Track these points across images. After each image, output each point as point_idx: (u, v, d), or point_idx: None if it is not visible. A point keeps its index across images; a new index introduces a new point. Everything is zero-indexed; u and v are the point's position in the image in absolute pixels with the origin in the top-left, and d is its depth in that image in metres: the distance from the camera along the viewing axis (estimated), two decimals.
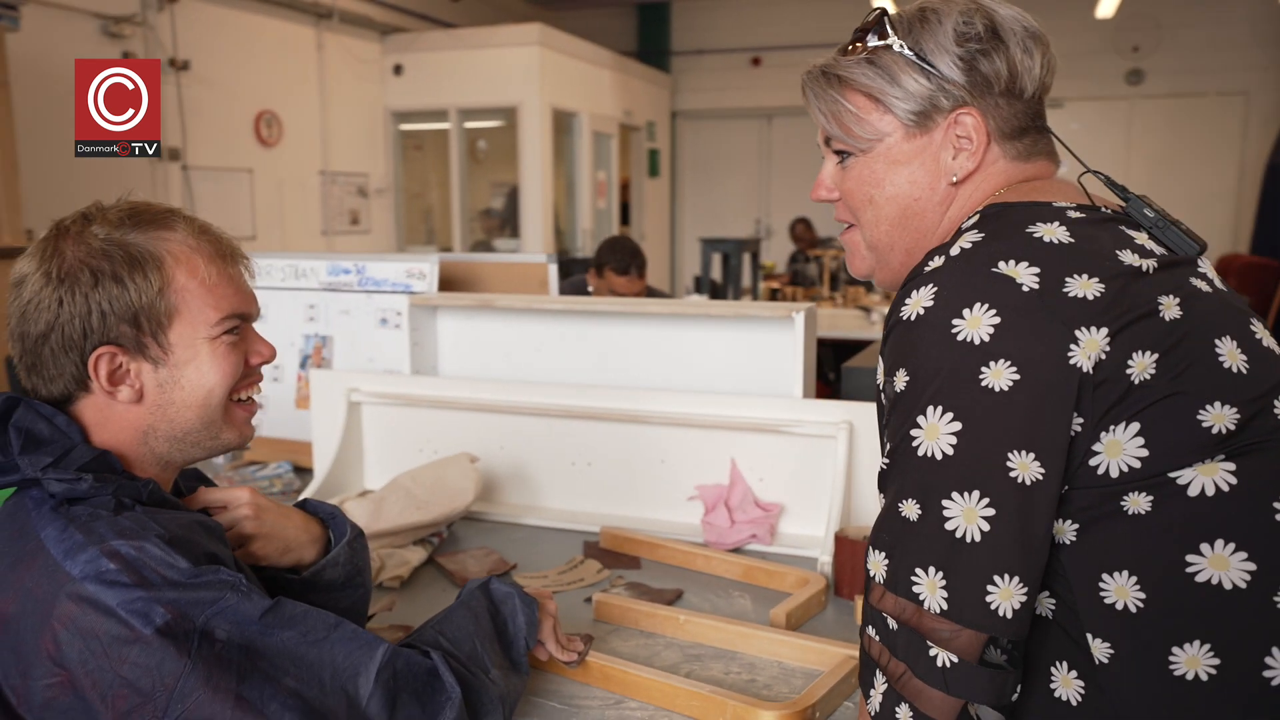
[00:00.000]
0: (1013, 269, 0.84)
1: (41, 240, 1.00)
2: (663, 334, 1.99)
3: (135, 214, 1.01)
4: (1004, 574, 0.82)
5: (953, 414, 0.83)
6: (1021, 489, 0.82)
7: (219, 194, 6.29)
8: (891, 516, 0.88)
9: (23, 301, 0.98)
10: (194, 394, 1.02)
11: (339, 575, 1.17)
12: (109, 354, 0.98)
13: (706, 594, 1.56)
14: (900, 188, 0.99)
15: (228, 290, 1.04)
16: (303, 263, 2.35)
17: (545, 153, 7.89)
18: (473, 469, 1.82)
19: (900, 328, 0.88)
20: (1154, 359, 0.82)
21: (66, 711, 0.87)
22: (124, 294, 0.97)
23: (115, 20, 5.51)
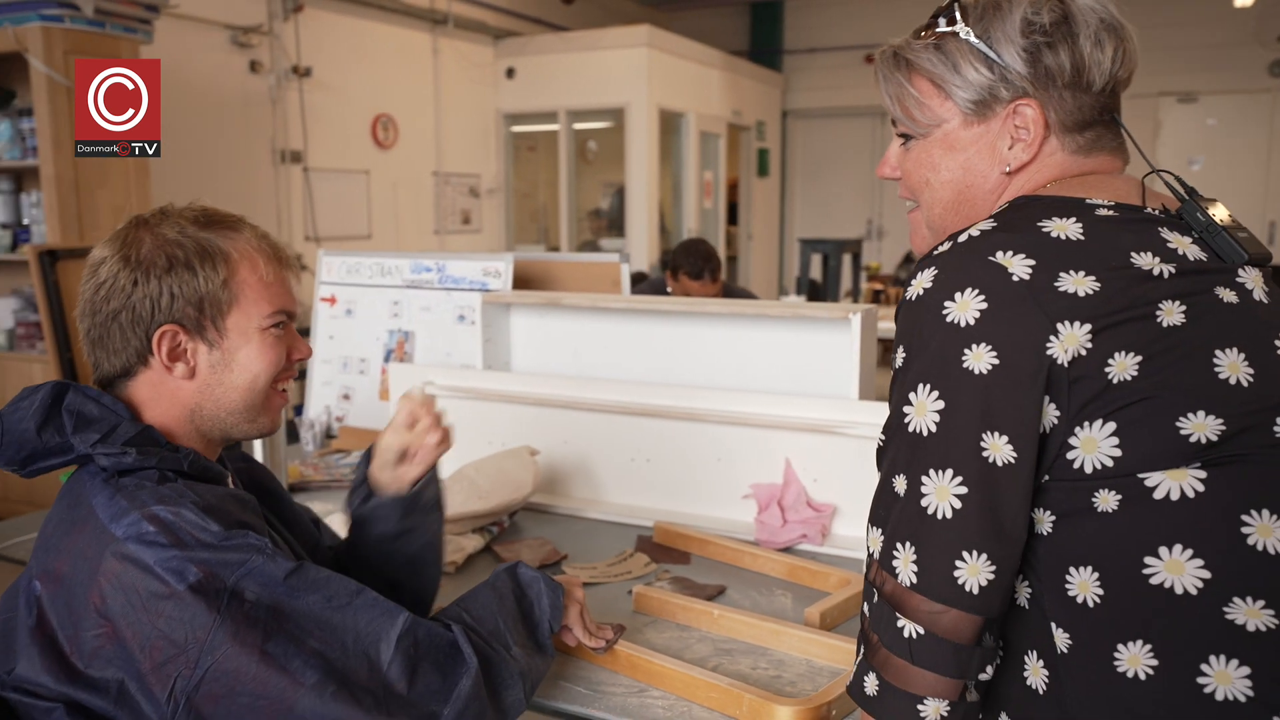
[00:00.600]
0: (1008, 259, 0.86)
1: (120, 230, 1.12)
2: (724, 334, 2.01)
3: (207, 215, 1.14)
4: (971, 550, 0.84)
5: (938, 392, 0.86)
6: (993, 469, 0.84)
7: (337, 194, 6.58)
8: (885, 491, 0.91)
9: (98, 281, 1.09)
10: (242, 376, 1.12)
11: (433, 496, 1.31)
12: (171, 332, 1.08)
13: (749, 591, 1.58)
14: (955, 173, 1.01)
15: (280, 290, 1.15)
16: (388, 260, 2.46)
17: (651, 153, 7.96)
18: (532, 461, 1.88)
19: (903, 307, 0.92)
20: (1136, 361, 0.82)
21: (111, 660, 0.96)
22: (193, 280, 1.08)
23: (244, 30, 5.82)
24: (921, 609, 0.86)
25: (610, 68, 7.85)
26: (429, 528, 1.31)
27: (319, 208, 6.37)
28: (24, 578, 1.02)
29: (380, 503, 1.27)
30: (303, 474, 2.19)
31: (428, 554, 1.32)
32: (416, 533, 1.29)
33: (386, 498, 1.27)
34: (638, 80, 7.77)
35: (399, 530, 1.28)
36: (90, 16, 3.74)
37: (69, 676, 0.96)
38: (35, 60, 3.65)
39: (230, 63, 5.80)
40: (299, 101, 6.17)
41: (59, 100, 3.71)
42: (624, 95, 7.85)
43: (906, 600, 0.87)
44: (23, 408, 1.06)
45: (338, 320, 2.53)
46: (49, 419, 1.06)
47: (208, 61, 5.65)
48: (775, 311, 1.90)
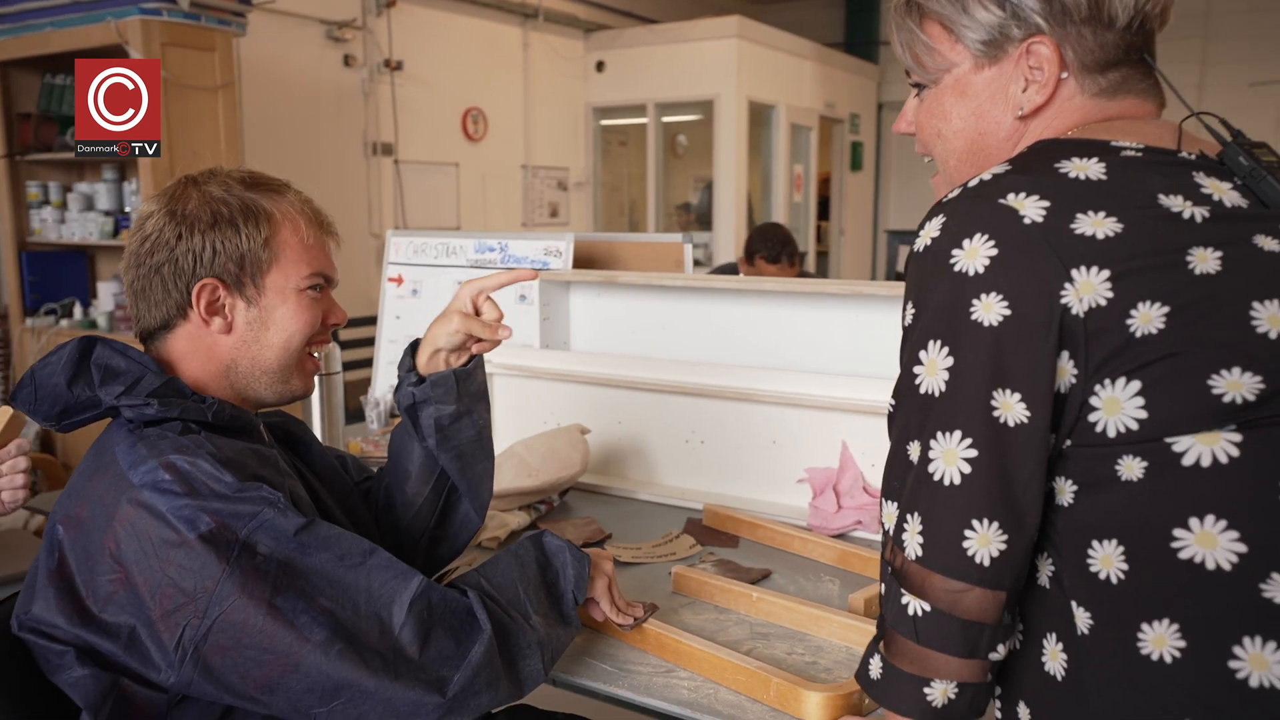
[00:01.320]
0: (1019, 201, 0.79)
1: (169, 187, 1.14)
2: (782, 313, 1.94)
3: (253, 177, 1.15)
4: (981, 518, 0.78)
5: (948, 348, 0.80)
6: (1004, 430, 0.77)
7: (426, 186, 6.68)
8: (898, 460, 0.86)
9: (144, 234, 1.11)
10: (278, 335, 1.13)
11: (482, 383, 1.30)
12: (211, 286, 1.10)
13: (795, 576, 1.51)
14: (967, 121, 0.94)
15: (319, 253, 1.16)
16: (453, 241, 2.46)
17: (740, 146, 7.87)
18: (582, 440, 1.85)
19: (912, 259, 0.86)
20: (1163, 312, 0.74)
21: (124, 606, 0.96)
22: (236, 237, 1.09)
23: (338, 25, 5.96)
24: (940, 588, 0.80)
25: (699, 60, 7.80)
26: (481, 414, 1.29)
27: (409, 200, 6.48)
28: (50, 521, 1.03)
29: (437, 379, 1.24)
30: (363, 450, 2.20)
31: (479, 449, 1.30)
32: (472, 416, 1.27)
33: (443, 373, 1.25)
34: (727, 72, 7.70)
35: (456, 411, 1.25)
36: (186, 10, 3.87)
37: (82, 619, 0.96)
38: (134, 52, 3.79)
39: (325, 57, 5.95)
40: (390, 95, 6.28)
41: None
42: (713, 87, 7.78)
43: (919, 577, 0.80)
44: (52, 363, 1.08)
45: (404, 300, 2.54)
46: (79, 373, 1.07)
47: (303, 56, 5.80)
48: (834, 290, 1.83)
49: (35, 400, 1.08)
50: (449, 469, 1.29)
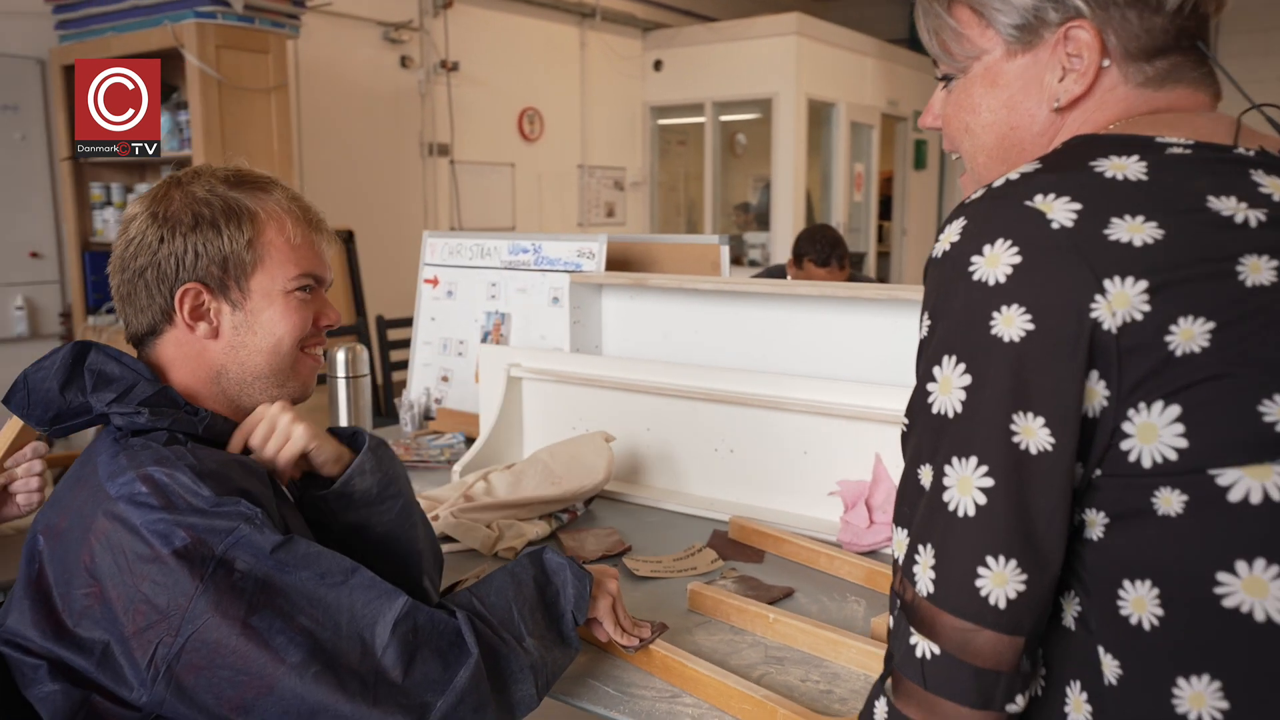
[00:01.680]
0: (1048, 203, 0.71)
1: (154, 188, 1.11)
2: (816, 317, 1.87)
3: (239, 175, 1.11)
4: (997, 555, 0.70)
5: (964, 365, 0.73)
6: (1024, 457, 0.70)
7: (482, 187, 6.70)
8: (909, 485, 0.78)
9: (129, 238, 1.08)
10: (265, 339, 1.09)
11: (371, 485, 1.13)
12: (195, 290, 1.07)
13: (819, 595, 1.44)
14: (997, 114, 0.86)
15: (308, 253, 1.12)
16: (487, 242, 2.43)
17: (799, 144, 7.76)
18: (606, 448, 1.80)
19: (930, 266, 0.78)
20: (1208, 328, 0.66)
21: (99, 621, 0.93)
22: (218, 239, 1.06)
23: (395, 27, 6.00)
24: (951, 626, 0.72)
25: (758, 57, 7.70)
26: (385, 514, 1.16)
27: (464, 200, 6.51)
28: (31, 531, 1.01)
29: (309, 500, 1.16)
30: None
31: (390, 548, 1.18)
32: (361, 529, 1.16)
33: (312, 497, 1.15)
34: (786, 69, 7.59)
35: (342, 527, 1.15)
36: (240, 12, 3.91)
37: (56, 633, 0.94)
38: (190, 55, 3.84)
39: (382, 58, 5.99)
40: (447, 95, 6.31)
41: (210, 93, 3.89)
42: (771, 85, 7.68)
43: (928, 614, 0.73)
44: (45, 367, 1.06)
45: (439, 302, 2.52)
46: (72, 378, 1.05)
47: (360, 57, 5.85)
48: (870, 294, 1.75)
49: (28, 405, 1.06)
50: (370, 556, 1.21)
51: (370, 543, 1.19)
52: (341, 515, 1.16)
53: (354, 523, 1.16)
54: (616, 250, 2.30)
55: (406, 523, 1.21)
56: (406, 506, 1.21)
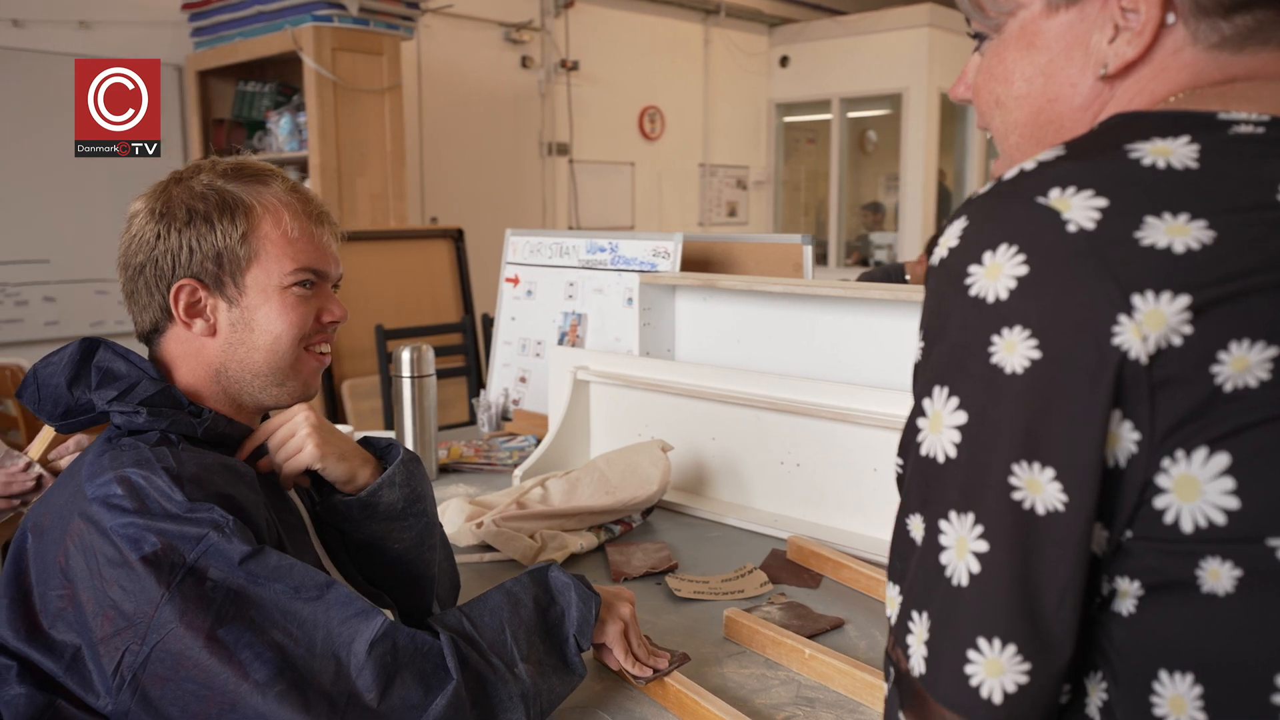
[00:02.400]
0: (1065, 199, 0.57)
1: (157, 183, 1.08)
2: (895, 324, 1.73)
3: (240, 168, 1.08)
4: (992, 637, 0.57)
5: (958, 399, 0.59)
6: (1029, 519, 0.56)
7: (601, 186, 6.70)
8: (901, 535, 0.66)
9: (130, 234, 1.07)
10: (263, 337, 1.06)
11: (397, 499, 1.11)
12: (190, 287, 1.04)
13: (871, 629, 1.31)
14: (1032, 83, 0.72)
15: (306, 246, 1.07)
16: (567, 240, 2.37)
17: (930, 140, 7.45)
18: (663, 458, 1.71)
19: (929, 276, 0.65)
20: (1268, 356, 0.52)
21: (71, 624, 0.91)
22: (211, 234, 1.03)
23: (516, 27, 6.05)
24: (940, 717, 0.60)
25: (888, 50, 7.43)
26: (407, 532, 1.14)
27: (583, 199, 6.51)
28: (21, 526, 1.00)
29: (331, 506, 1.13)
30: (462, 454, 2.15)
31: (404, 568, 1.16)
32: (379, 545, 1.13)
33: (333, 502, 1.13)
34: (917, 63, 7.30)
35: (358, 542, 1.14)
36: (355, 15, 4.00)
37: (30, 634, 0.92)
38: (307, 58, 3.95)
39: (502, 59, 6.06)
40: (566, 95, 6.33)
41: (325, 94, 3.99)
42: (902, 80, 7.40)
43: (919, 697, 0.61)
44: (54, 363, 1.05)
45: (519, 301, 2.48)
46: (79, 375, 1.04)
47: (482, 58, 5.93)
48: None
49: (39, 400, 1.06)
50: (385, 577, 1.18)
51: (385, 559, 1.15)
52: (362, 526, 1.12)
53: (372, 536, 1.13)
54: (696, 250, 2.21)
55: (425, 544, 1.17)
56: (429, 527, 1.17)
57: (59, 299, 4.33)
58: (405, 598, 1.18)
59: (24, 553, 0.97)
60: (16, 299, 4.29)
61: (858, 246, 8.20)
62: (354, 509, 1.11)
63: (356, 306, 3.97)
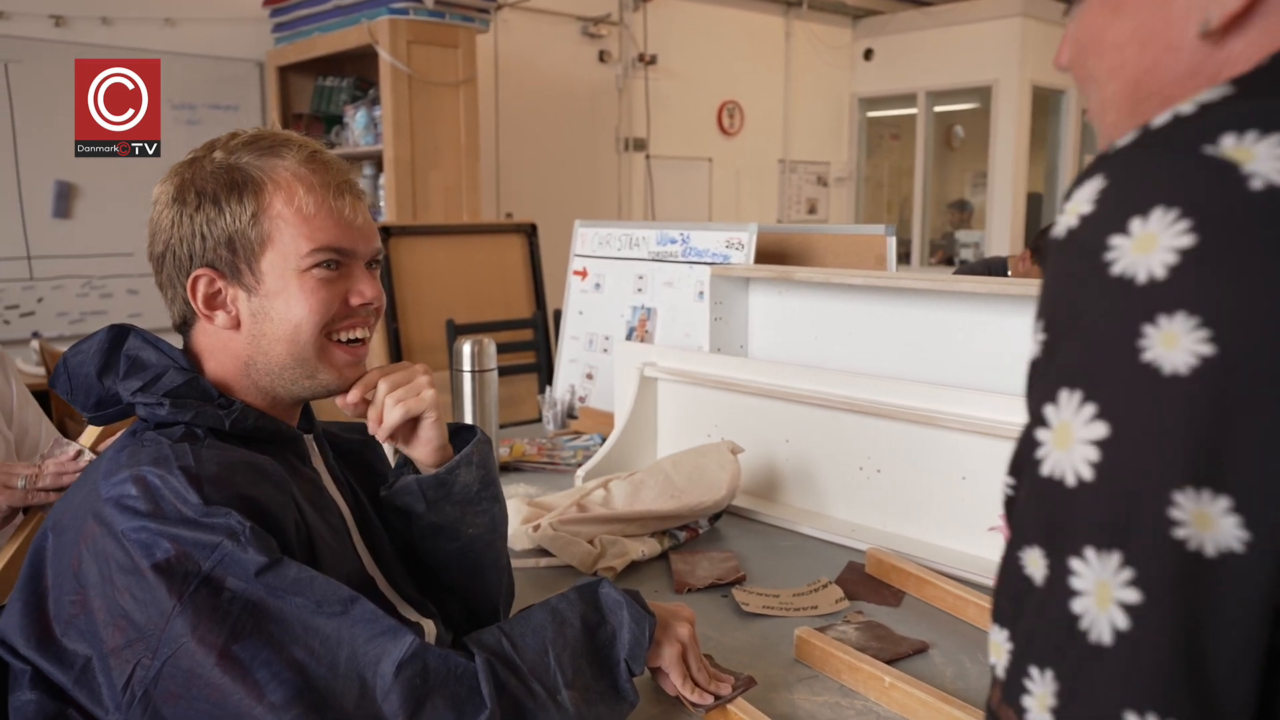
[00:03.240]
0: (1245, 148, 0.45)
1: (177, 163, 1.00)
2: (990, 320, 1.59)
3: (255, 139, 0.98)
4: (1144, 711, 0.45)
5: (1096, 407, 0.47)
6: (1193, 562, 0.44)
7: (678, 182, 6.60)
8: (1011, 571, 0.54)
9: (151, 222, 0.99)
10: (282, 327, 0.96)
11: (473, 480, 1.05)
12: (207, 277, 0.96)
13: (960, 655, 1.19)
14: (1124, 52, 0.60)
15: (325, 222, 0.96)
16: (637, 232, 2.28)
17: (1021, 135, 7.16)
18: (732, 460, 1.61)
19: (1049, 252, 0.53)
20: None
21: (83, 633, 0.84)
22: (220, 218, 0.95)
23: (594, 21, 5.99)
24: None
25: (978, 41, 7.17)
26: (473, 524, 1.07)
27: (659, 195, 6.42)
28: (44, 525, 0.94)
29: (403, 484, 1.06)
30: (525, 452, 2.07)
31: (471, 561, 1.09)
32: (451, 531, 1.06)
33: (406, 481, 1.06)
34: (1008, 54, 7.02)
35: (430, 524, 1.06)
36: (431, 8, 3.97)
37: (41, 640, 0.86)
38: (383, 51, 3.94)
39: (580, 53, 6.00)
40: (644, 89, 6.24)
41: (401, 87, 3.97)
42: (991, 72, 7.13)
43: None
44: (83, 351, 0.99)
45: (587, 295, 2.39)
46: (109, 364, 0.98)
47: (559, 52, 5.88)
48: None
49: (71, 390, 1.00)
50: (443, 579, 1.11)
51: (452, 550, 1.08)
52: (434, 509, 1.05)
53: (444, 521, 1.06)
54: (771, 241, 2.09)
55: (496, 534, 1.10)
56: (501, 514, 1.11)
57: (142, 292, 4.39)
58: (474, 592, 1.11)
59: (43, 552, 0.91)
60: (102, 291, 4.38)
61: (942, 245, 7.94)
62: (430, 487, 1.04)
63: (427, 301, 3.95)
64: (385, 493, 1.07)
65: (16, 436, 1.59)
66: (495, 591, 1.11)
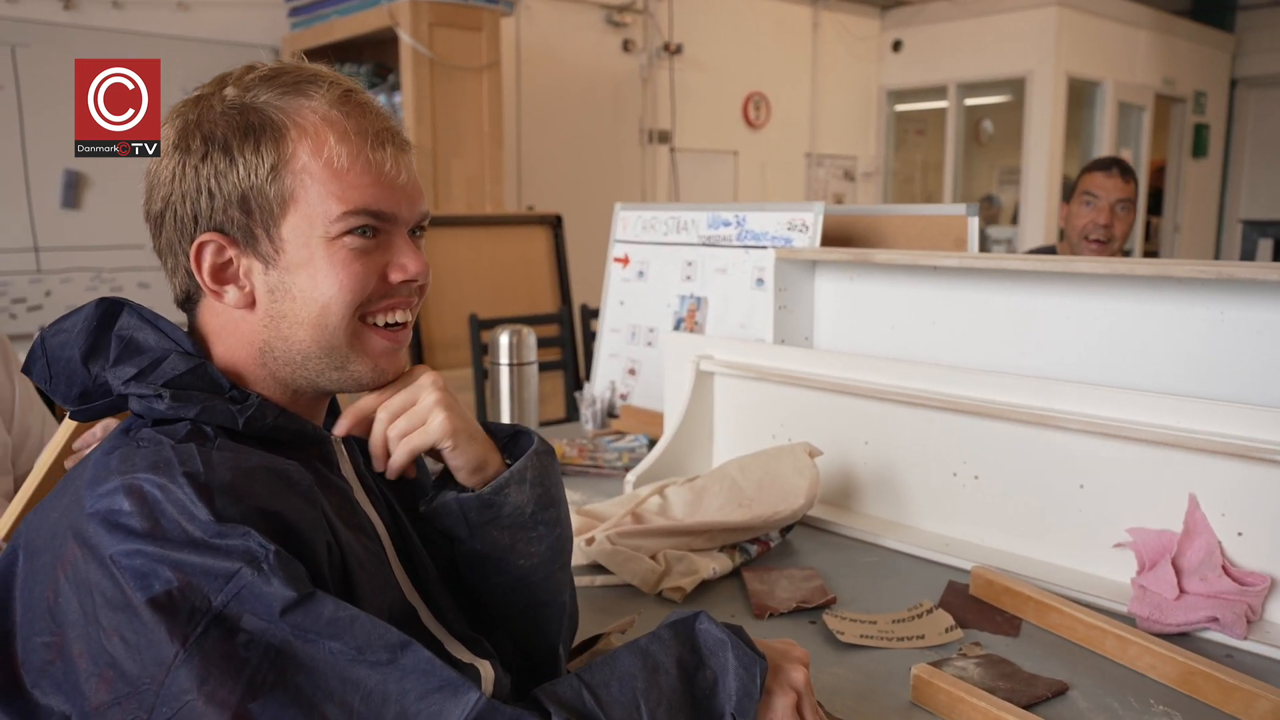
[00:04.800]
0: None
1: (178, 103, 0.82)
2: (1101, 305, 1.40)
3: (276, 74, 0.80)
4: None
5: None
6: None
7: (703, 175, 6.41)
8: None
9: (149, 172, 0.81)
10: (306, 308, 0.78)
11: (526, 501, 0.85)
12: (215, 244, 0.77)
13: (1106, 698, 1.00)
14: None
15: (361, 179, 0.77)
16: (685, 215, 2.09)
17: (1055, 128, 6.94)
18: (810, 465, 1.42)
19: None
20: None
21: (59, 685, 0.66)
22: (231, 170, 0.76)
23: (618, 10, 5.80)
24: None
25: (1011, 32, 6.96)
26: (524, 552, 0.86)
27: (684, 189, 6.24)
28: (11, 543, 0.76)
29: (441, 505, 0.86)
30: (565, 454, 1.89)
31: (524, 593, 0.89)
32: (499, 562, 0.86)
33: (446, 499, 0.86)
34: (1043, 44, 6.81)
35: (475, 552, 0.86)
36: None
37: (5, 692, 0.67)
38: (403, 34, 3.76)
39: (604, 42, 5.82)
40: (669, 80, 6.06)
41: (422, 72, 3.80)
42: (1025, 63, 6.92)
43: None
44: (66, 329, 0.80)
45: (629, 284, 2.21)
46: (97, 346, 0.80)
47: (582, 41, 5.70)
48: (1184, 272, 1.26)
49: (50, 378, 0.81)
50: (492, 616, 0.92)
51: (505, 580, 0.88)
52: (480, 534, 0.85)
53: (492, 548, 0.86)
54: (836, 225, 1.91)
55: (555, 562, 0.89)
56: (561, 542, 0.89)
57: (153, 285, 4.23)
58: (527, 634, 0.91)
59: (11, 579, 0.72)
60: (112, 284, 4.22)
61: None
62: (473, 509, 0.84)
63: (450, 295, 3.77)
64: (425, 509, 0.88)
65: (16, 441, 1.41)
66: (553, 633, 0.91)
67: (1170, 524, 1.21)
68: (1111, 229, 2.51)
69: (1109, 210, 2.50)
